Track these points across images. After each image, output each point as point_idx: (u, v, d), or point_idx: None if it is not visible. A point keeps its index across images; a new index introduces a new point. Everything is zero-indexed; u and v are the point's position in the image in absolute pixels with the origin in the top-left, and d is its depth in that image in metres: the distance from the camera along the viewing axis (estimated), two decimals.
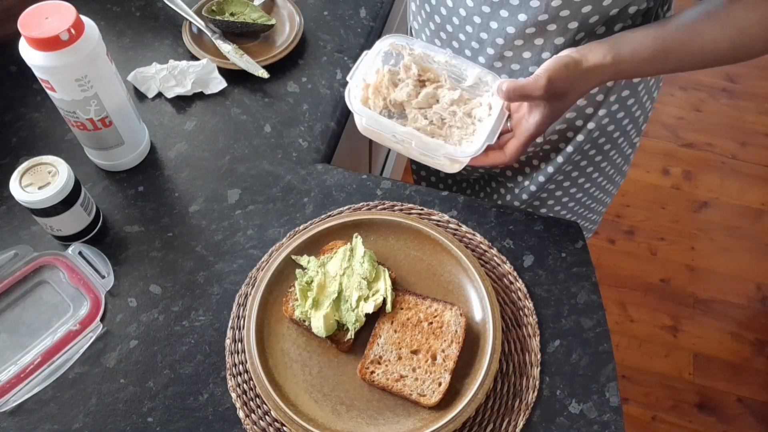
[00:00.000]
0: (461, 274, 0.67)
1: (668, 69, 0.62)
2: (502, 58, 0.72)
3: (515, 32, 0.67)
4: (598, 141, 0.80)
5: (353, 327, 0.62)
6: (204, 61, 0.86)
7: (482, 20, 0.69)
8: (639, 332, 1.66)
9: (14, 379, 0.61)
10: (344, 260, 0.65)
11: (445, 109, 0.68)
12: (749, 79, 2.22)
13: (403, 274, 0.68)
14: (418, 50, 0.69)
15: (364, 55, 0.68)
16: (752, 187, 1.94)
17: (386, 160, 1.59)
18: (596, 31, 0.67)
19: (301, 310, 0.62)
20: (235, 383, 0.61)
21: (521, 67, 0.72)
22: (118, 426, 0.60)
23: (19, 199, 0.64)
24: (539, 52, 0.69)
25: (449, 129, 0.68)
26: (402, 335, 0.62)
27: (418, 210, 0.73)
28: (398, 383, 0.59)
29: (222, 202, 0.75)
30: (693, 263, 1.79)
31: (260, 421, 0.59)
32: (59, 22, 0.62)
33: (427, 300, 0.64)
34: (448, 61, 0.68)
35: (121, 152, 0.76)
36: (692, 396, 1.56)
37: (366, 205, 0.74)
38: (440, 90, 0.69)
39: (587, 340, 0.65)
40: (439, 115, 0.68)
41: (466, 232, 0.72)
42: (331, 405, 0.60)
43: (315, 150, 0.81)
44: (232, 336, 0.64)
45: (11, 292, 0.67)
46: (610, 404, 0.61)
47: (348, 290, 0.64)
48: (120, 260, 0.70)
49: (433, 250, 0.69)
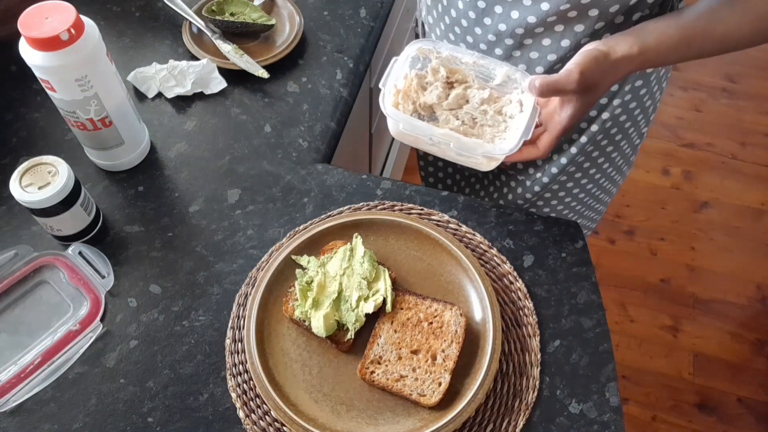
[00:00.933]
0: (461, 274, 0.67)
1: (691, 56, 0.63)
2: (521, 47, 0.72)
3: (536, 21, 0.67)
4: (611, 131, 0.81)
5: (353, 327, 0.62)
6: (204, 61, 0.86)
7: (504, 10, 0.69)
8: (639, 332, 1.66)
9: (14, 379, 0.61)
10: (344, 260, 0.65)
11: (476, 109, 0.69)
12: (749, 79, 2.22)
13: (403, 274, 0.68)
14: (445, 53, 0.70)
15: (394, 61, 0.69)
16: (752, 187, 1.94)
17: (386, 160, 1.59)
18: (615, 20, 0.67)
19: (301, 310, 0.62)
20: (235, 383, 0.61)
21: (540, 55, 0.72)
22: (118, 426, 0.60)
23: (19, 199, 0.64)
24: (559, 39, 0.69)
25: (481, 128, 0.69)
26: (402, 335, 0.62)
27: (418, 210, 0.74)
28: (398, 383, 0.59)
29: (222, 202, 0.75)
30: (693, 263, 1.79)
31: (260, 421, 0.59)
32: (59, 22, 0.62)
33: (427, 300, 0.64)
34: (475, 62, 0.69)
35: (121, 152, 0.76)
36: (692, 396, 1.56)
37: (366, 205, 0.74)
38: (469, 90, 0.70)
39: (587, 340, 0.65)
40: (471, 115, 0.69)
41: (466, 232, 0.72)
42: (331, 405, 0.60)
43: (315, 150, 0.81)
44: (232, 336, 0.64)
45: (11, 292, 0.67)
46: (610, 404, 0.61)
47: (348, 290, 0.64)
48: (120, 260, 0.70)
49: (433, 250, 0.69)
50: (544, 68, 0.73)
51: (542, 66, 0.73)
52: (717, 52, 0.64)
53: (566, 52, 0.70)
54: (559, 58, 0.71)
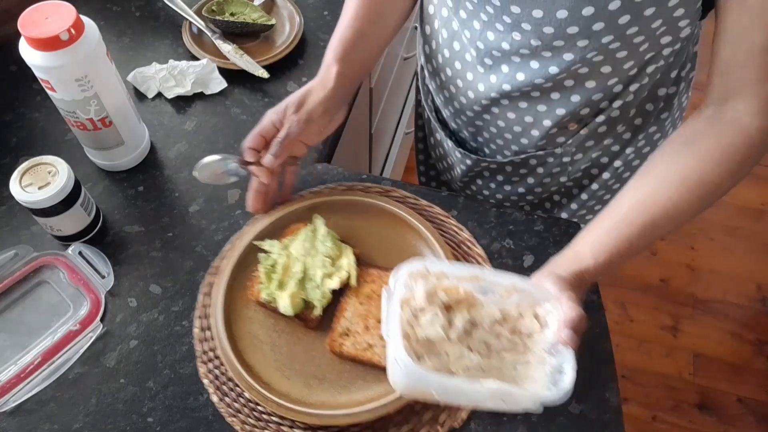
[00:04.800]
0: (422, 244, 0.69)
1: (654, 240, 0.59)
2: (529, 99, 0.70)
3: (543, 81, 0.66)
4: (623, 176, 0.80)
5: (320, 304, 0.63)
6: (204, 61, 0.86)
7: (510, 69, 0.67)
8: (639, 332, 1.66)
9: (14, 379, 0.61)
10: (307, 241, 0.67)
11: (489, 335, 0.55)
12: None
13: (367, 249, 0.69)
14: (435, 269, 0.55)
15: (387, 304, 0.53)
16: (752, 187, 1.94)
17: (386, 160, 1.59)
18: (614, 90, 0.66)
19: (267, 291, 0.63)
20: (206, 369, 0.62)
21: (548, 108, 0.70)
22: (118, 426, 0.60)
23: (19, 199, 0.64)
24: (569, 95, 0.68)
25: (498, 356, 0.54)
26: (368, 307, 0.64)
27: (377, 189, 0.75)
28: (367, 352, 0.61)
29: (222, 202, 0.75)
30: (693, 263, 1.79)
31: (234, 403, 0.60)
32: (59, 22, 0.62)
33: (390, 271, 0.64)
34: (476, 276, 0.55)
35: (121, 152, 0.76)
36: (692, 396, 1.56)
37: (326, 187, 0.75)
38: (475, 311, 0.55)
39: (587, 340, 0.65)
40: (484, 343, 0.54)
41: (425, 205, 0.73)
42: (303, 380, 0.61)
43: (315, 150, 0.81)
44: (200, 325, 0.65)
45: (11, 292, 0.67)
46: (610, 404, 0.61)
47: (312, 269, 0.65)
48: (120, 260, 0.70)
49: (394, 225, 0.71)
50: (552, 121, 0.71)
51: (550, 120, 0.70)
52: (679, 226, 0.58)
53: (576, 107, 0.68)
54: (569, 111, 0.69)
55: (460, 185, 0.92)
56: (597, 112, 0.70)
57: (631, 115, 0.72)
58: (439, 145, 0.90)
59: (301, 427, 0.59)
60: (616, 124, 0.72)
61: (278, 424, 0.59)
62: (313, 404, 0.59)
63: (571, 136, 0.73)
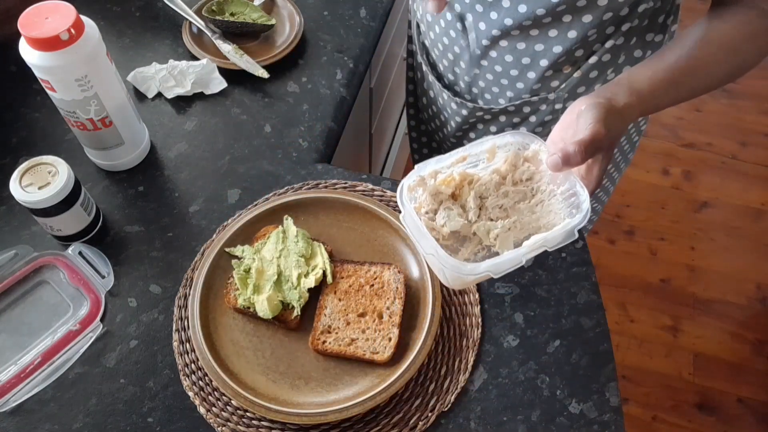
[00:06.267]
0: (393, 236, 0.70)
1: (681, 98, 0.63)
2: (526, 38, 0.72)
3: (545, 13, 0.67)
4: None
5: (298, 304, 0.63)
6: (204, 61, 0.86)
7: (511, 3, 0.68)
8: (639, 332, 1.66)
9: (14, 379, 0.61)
10: (278, 242, 0.67)
11: (498, 198, 0.59)
12: (749, 79, 2.22)
13: (339, 245, 0.70)
14: (428, 170, 0.58)
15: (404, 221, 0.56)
16: (752, 187, 1.94)
17: (386, 160, 1.59)
18: (621, 12, 0.68)
19: (244, 297, 0.63)
20: (190, 382, 0.62)
21: (545, 47, 0.72)
22: (118, 426, 0.60)
23: (19, 199, 0.64)
24: (566, 30, 0.69)
25: (515, 210, 0.58)
26: (347, 302, 0.64)
27: (342, 184, 0.75)
28: (351, 347, 0.61)
29: (222, 202, 0.75)
30: (693, 263, 1.79)
31: (222, 413, 0.60)
32: (59, 22, 0.62)
33: (365, 265, 0.66)
34: (462, 156, 0.59)
35: (121, 152, 0.76)
36: (692, 396, 1.56)
37: (291, 188, 0.75)
38: (476, 186, 0.58)
39: (587, 340, 0.65)
40: (498, 207, 0.59)
41: (392, 196, 0.74)
42: (289, 382, 0.61)
43: (315, 150, 0.81)
44: (179, 338, 0.64)
45: (11, 292, 0.67)
46: (610, 404, 0.61)
47: (287, 270, 0.65)
48: (120, 260, 0.70)
49: (364, 219, 0.71)
50: (549, 61, 0.73)
51: (547, 59, 0.73)
52: (707, 89, 0.63)
53: (572, 45, 0.70)
54: (565, 50, 0.71)
55: (453, 141, 0.93)
56: (590, 53, 0.72)
57: (621, 61, 0.74)
58: (433, 103, 0.92)
59: (292, 429, 0.59)
60: (607, 68, 0.74)
61: (269, 428, 0.59)
62: (301, 405, 0.59)
63: (564, 80, 0.75)
